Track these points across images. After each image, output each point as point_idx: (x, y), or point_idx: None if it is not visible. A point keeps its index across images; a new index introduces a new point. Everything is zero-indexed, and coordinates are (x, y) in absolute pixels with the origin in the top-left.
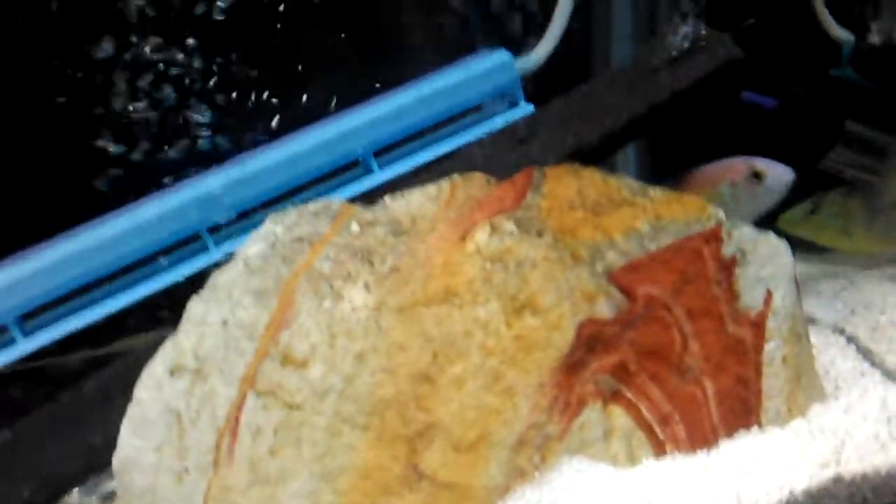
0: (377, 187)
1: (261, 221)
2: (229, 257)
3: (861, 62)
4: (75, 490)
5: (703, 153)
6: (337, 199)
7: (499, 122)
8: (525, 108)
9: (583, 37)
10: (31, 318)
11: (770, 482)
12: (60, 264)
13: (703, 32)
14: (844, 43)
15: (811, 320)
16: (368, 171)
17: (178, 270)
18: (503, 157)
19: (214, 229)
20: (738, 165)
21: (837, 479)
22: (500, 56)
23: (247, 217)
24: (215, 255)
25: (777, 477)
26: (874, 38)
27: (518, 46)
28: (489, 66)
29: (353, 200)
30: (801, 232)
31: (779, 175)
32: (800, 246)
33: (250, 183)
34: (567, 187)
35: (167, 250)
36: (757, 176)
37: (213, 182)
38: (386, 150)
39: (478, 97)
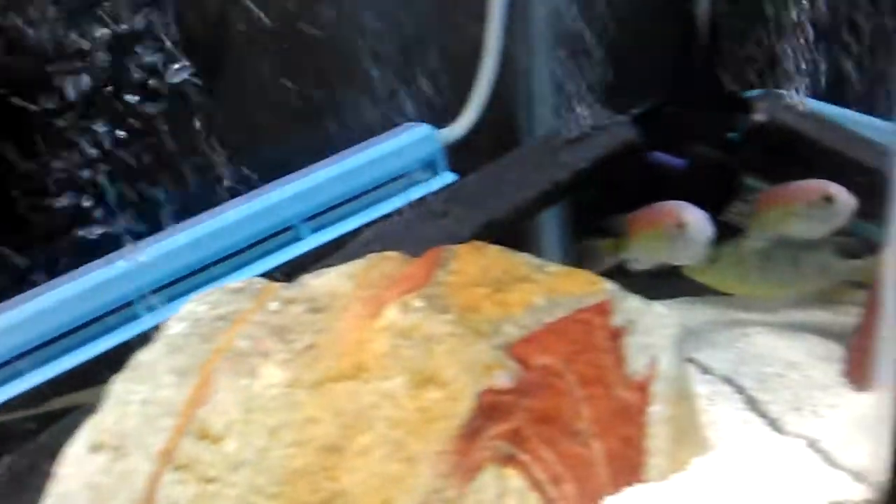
0: (308, 253)
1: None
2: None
3: (749, 135)
4: None
5: (624, 205)
6: (258, 278)
7: (423, 190)
8: (447, 178)
9: (505, 110)
10: None
11: None
12: None
13: (602, 116)
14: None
15: (705, 370)
16: (298, 238)
17: (109, 340)
18: (420, 230)
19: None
20: (812, 186)
21: None
22: (423, 129)
23: (184, 282)
24: (148, 324)
25: None
26: (759, 116)
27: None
28: (413, 138)
29: (283, 266)
30: (703, 279)
31: (846, 199)
32: (706, 292)
33: (186, 252)
34: (473, 264)
35: (99, 318)
36: (828, 199)
37: (150, 252)
38: (316, 218)
39: (402, 168)
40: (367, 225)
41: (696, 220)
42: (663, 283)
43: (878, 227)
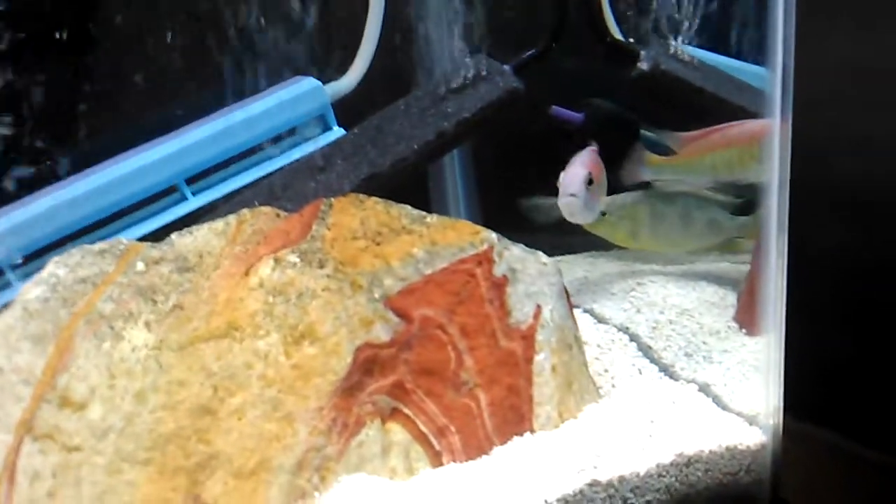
0: (191, 213)
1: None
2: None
3: (635, 84)
4: None
5: (524, 160)
6: (124, 239)
7: (311, 146)
8: (336, 132)
9: (395, 63)
10: None
11: (530, 489)
12: None
13: (485, 65)
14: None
15: (600, 320)
16: (183, 198)
17: None
18: (301, 185)
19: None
20: (746, 129)
21: (593, 484)
22: (309, 82)
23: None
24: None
25: (537, 483)
26: (643, 65)
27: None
28: (299, 92)
29: (167, 227)
30: (597, 231)
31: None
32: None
33: (65, 211)
34: (351, 217)
35: None
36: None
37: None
38: (200, 178)
39: (289, 123)
40: (254, 183)
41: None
42: (562, 238)
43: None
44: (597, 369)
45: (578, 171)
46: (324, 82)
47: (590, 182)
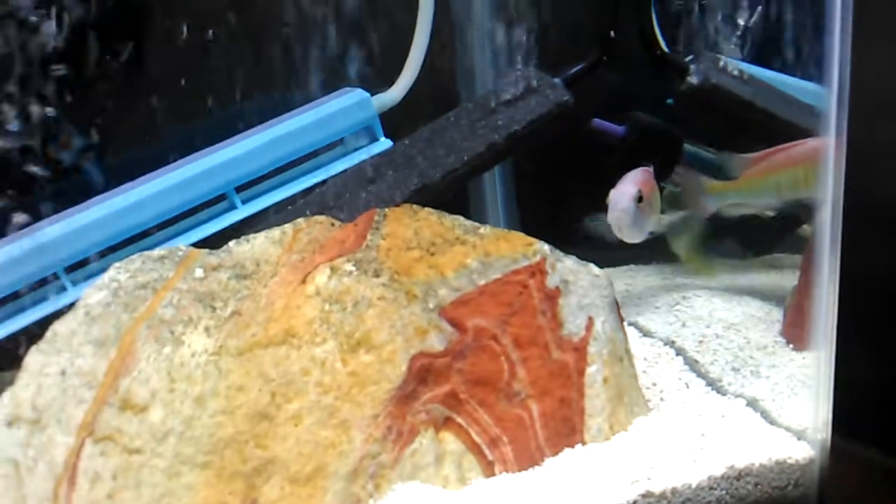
0: (241, 222)
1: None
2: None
3: (683, 97)
4: None
5: (566, 173)
6: (183, 245)
7: (358, 157)
8: (384, 144)
9: (444, 75)
10: None
11: (584, 500)
12: None
13: (535, 78)
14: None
15: (646, 333)
16: (232, 206)
17: (41, 308)
18: (352, 196)
19: (77, 266)
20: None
21: (647, 495)
22: (357, 94)
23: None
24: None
25: (591, 494)
26: (692, 79)
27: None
28: (347, 103)
29: (216, 235)
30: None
31: None
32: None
33: (116, 220)
34: (405, 228)
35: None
36: None
37: (78, 220)
38: (249, 187)
39: (337, 134)
40: (303, 193)
41: None
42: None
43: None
44: (644, 383)
45: (628, 188)
46: (371, 94)
47: (640, 199)
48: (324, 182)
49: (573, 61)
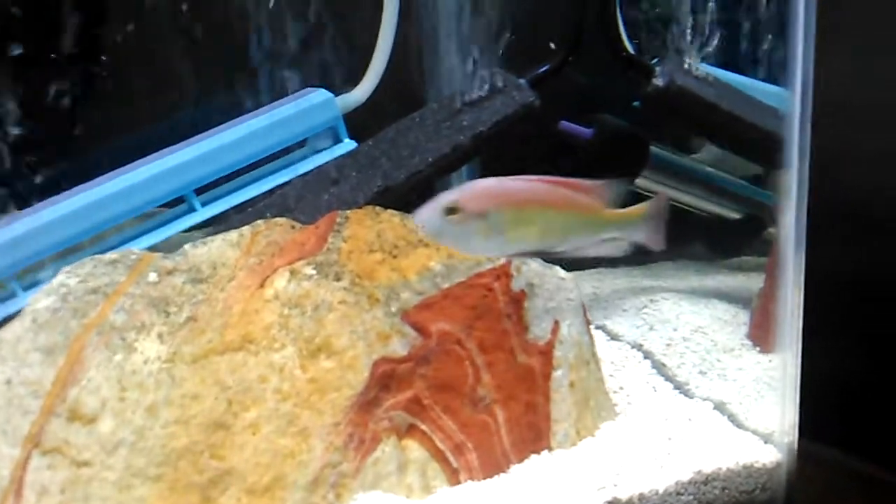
0: (200, 225)
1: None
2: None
3: (649, 99)
4: None
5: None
6: (136, 249)
7: (322, 158)
8: (348, 145)
9: (406, 77)
10: None
11: None
12: None
13: (501, 79)
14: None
15: (613, 336)
16: (191, 209)
17: None
18: (314, 197)
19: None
20: None
21: (613, 502)
22: (320, 95)
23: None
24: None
25: (557, 502)
26: (658, 81)
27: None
28: (310, 104)
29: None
30: None
31: None
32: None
33: (70, 223)
34: (368, 230)
35: None
36: None
37: (30, 221)
38: (209, 188)
39: (300, 135)
40: (264, 195)
41: None
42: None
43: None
44: (612, 387)
45: (442, 198)
46: (335, 94)
47: (452, 212)
48: (286, 184)
49: (539, 62)
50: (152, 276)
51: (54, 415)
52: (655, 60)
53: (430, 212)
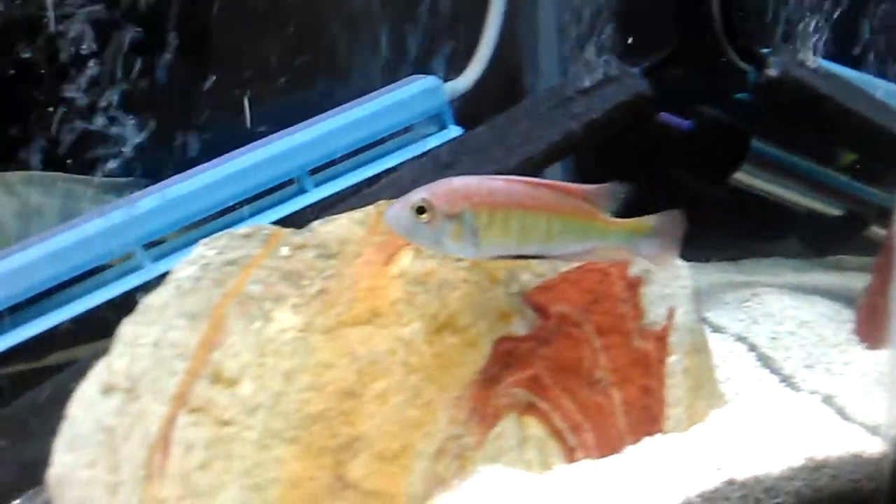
0: (311, 206)
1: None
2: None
3: (760, 90)
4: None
5: (627, 169)
6: (267, 222)
7: (428, 144)
8: (454, 131)
9: (511, 65)
10: None
11: (669, 485)
12: None
13: (614, 67)
14: (750, 72)
15: (716, 329)
16: (303, 190)
17: (110, 290)
18: (428, 181)
19: (151, 245)
20: None
21: (730, 482)
22: (430, 81)
23: (185, 234)
24: (151, 272)
25: (675, 480)
26: (772, 71)
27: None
28: (419, 90)
29: (286, 219)
30: None
31: None
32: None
33: (188, 201)
34: None
35: (104, 267)
36: None
37: (152, 200)
38: (320, 171)
39: (408, 120)
40: (372, 179)
41: None
42: None
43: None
44: (718, 377)
45: (414, 195)
46: (443, 81)
47: (421, 211)
48: (398, 167)
49: (647, 52)
50: (284, 251)
51: (199, 376)
52: (768, 51)
53: (399, 210)
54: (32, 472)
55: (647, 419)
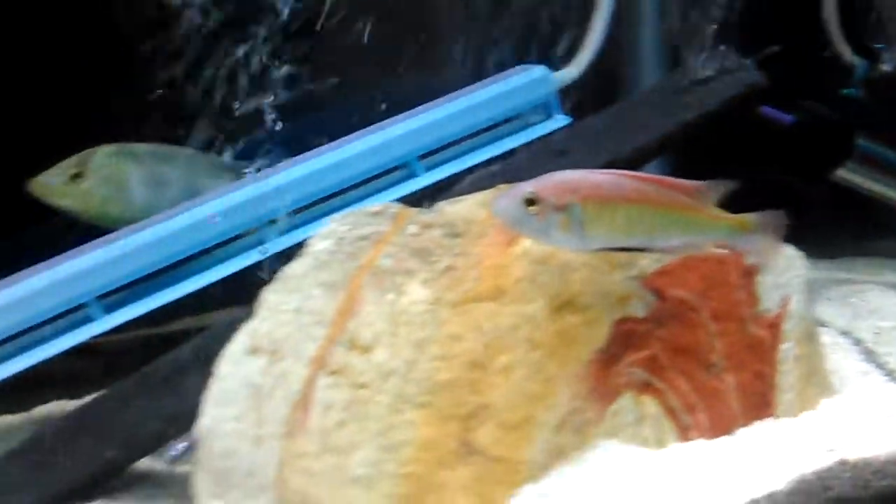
0: (421, 190)
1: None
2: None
3: (873, 85)
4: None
5: (727, 163)
6: (394, 203)
7: (536, 132)
8: (561, 120)
9: (616, 55)
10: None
11: (783, 465)
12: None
13: (729, 58)
14: (858, 67)
15: (821, 323)
16: (413, 174)
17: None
18: (542, 168)
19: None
20: None
21: (842, 462)
22: (539, 70)
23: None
24: (273, 248)
25: (789, 460)
26: (886, 66)
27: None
28: (528, 79)
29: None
30: (63, 202)
31: None
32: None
33: (308, 181)
34: None
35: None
36: None
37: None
38: (430, 156)
39: (517, 108)
40: (478, 165)
41: None
42: None
43: None
44: (826, 368)
45: (522, 187)
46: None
47: (531, 203)
48: (510, 153)
49: (759, 45)
50: (412, 229)
51: (336, 343)
52: (882, 46)
53: (509, 202)
54: (175, 424)
55: (760, 403)
